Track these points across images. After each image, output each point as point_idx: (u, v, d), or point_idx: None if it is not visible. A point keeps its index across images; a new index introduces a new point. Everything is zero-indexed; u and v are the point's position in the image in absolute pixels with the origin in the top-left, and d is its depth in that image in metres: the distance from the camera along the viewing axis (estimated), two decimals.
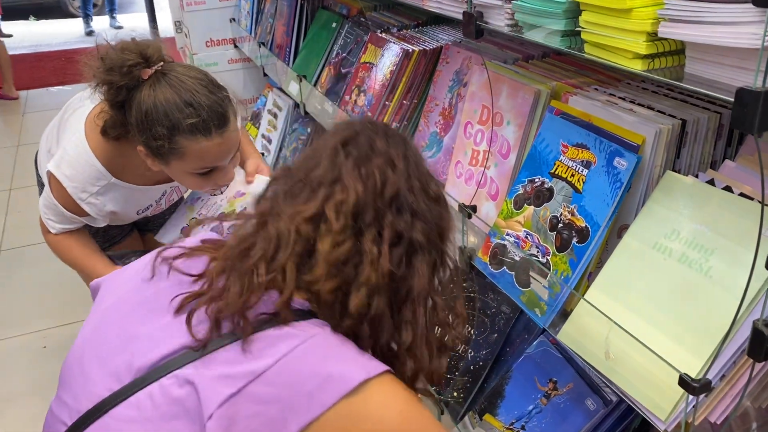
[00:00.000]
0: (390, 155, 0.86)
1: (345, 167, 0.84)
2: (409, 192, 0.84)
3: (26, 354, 2.37)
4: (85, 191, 1.46)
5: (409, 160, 0.88)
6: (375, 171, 0.83)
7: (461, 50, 1.73)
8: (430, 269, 0.85)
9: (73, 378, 0.87)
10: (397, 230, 0.82)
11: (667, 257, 1.03)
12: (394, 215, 0.82)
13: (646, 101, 1.21)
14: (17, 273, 2.89)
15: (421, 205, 0.85)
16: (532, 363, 1.50)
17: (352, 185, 0.82)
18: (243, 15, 3.30)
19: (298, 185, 0.86)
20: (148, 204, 1.61)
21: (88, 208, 1.48)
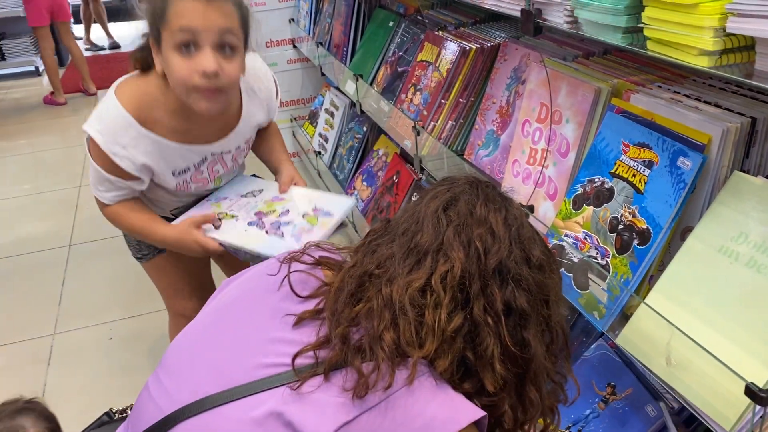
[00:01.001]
0: (490, 223, 0.86)
1: (447, 236, 0.85)
2: (510, 261, 0.84)
3: (94, 345, 2.47)
4: (116, 143, 1.44)
5: (510, 226, 0.87)
6: (476, 240, 0.84)
7: (519, 47, 1.70)
8: (541, 339, 0.85)
9: (181, 366, 0.90)
10: (505, 300, 0.82)
11: (733, 261, 0.99)
12: (498, 285, 0.82)
13: (712, 99, 1.16)
14: (86, 267, 3.01)
15: (523, 274, 0.84)
16: (590, 367, 1.47)
17: (455, 255, 0.82)
18: (302, 15, 3.34)
19: (405, 249, 0.86)
20: (186, 166, 1.56)
21: (121, 162, 1.46)
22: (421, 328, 0.80)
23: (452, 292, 0.81)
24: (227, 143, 1.61)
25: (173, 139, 1.49)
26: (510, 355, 0.82)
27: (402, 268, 0.84)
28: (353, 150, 2.86)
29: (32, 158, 4.31)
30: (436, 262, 0.83)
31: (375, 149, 2.73)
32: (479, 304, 0.81)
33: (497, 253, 0.83)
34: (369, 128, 2.82)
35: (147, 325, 2.48)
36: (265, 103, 1.69)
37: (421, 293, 0.81)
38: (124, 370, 2.23)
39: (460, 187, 0.91)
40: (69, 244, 3.19)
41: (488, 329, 0.80)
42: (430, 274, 0.82)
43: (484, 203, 0.88)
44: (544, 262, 0.88)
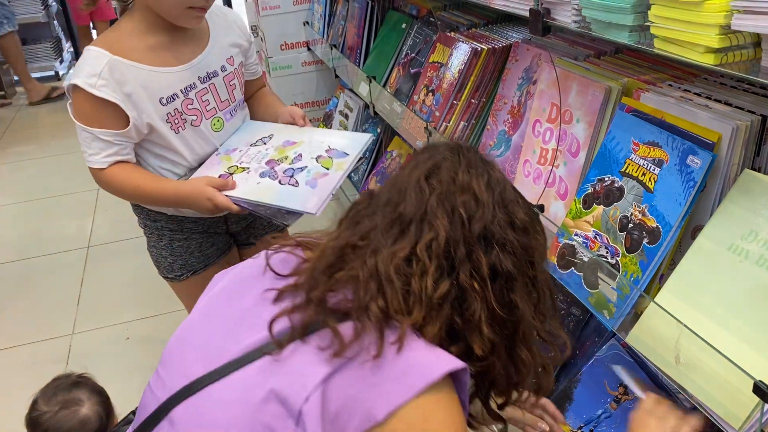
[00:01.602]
0: (473, 188, 0.86)
1: (430, 204, 0.85)
2: (495, 225, 0.84)
3: (110, 345, 2.51)
4: (92, 76, 1.41)
5: (494, 189, 0.87)
6: (460, 207, 0.84)
7: (531, 48, 1.70)
8: (528, 299, 0.86)
9: (173, 357, 0.92)
10: (491, 264, 0.83)
11: (743, 259, 0.99)
12: (483, 250, 0.83)
13: (723, 97, 1.16)
14: (103, 268, 3.05)
15: (508, 237, 0.84)
16: (602, 367, 1.47)
17: (439, 224, 0.83)
18: (316, 18, 3.36)
19: (388, 219, 0.86)
20: (171, 92, 1.50)
21: (102, 93, 1.41)
22: (408, 296, 0.81)
23: (438, 259, 0.81)
24: (207, 61, 1.56)
25: (149, 63, 1.47)
26: (498, 318, 0.83)
27: (386, 239, 0.84)
28: (368, 151, 2.87)
29: (52, 161, 4.37)
30: (420, 231, 0.83)
31: (389, 150, 2.74)
32: (465, 270, 0.82)
33: (481, 218, 0.84)
34: (383, 129, 2.83)
35: (163, 325, 2.51)
36: (236, 27, 1.68)
37: (406, 262, 0.82)
38: (140, 369, 2.25)
39: (441, 154, 0.90)
40: (87, 245, 3.24)
41: (475, 294, 0.81)
42: (414, 243, 0.82)
43: (467, 169, 0.87)
44: (528, 224, 0.88)
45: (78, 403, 1.44)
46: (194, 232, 1.70)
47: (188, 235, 1.69)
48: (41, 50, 6.04)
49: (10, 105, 5.45)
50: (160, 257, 1.73)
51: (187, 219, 1.67)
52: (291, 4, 3.44)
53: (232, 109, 1.65)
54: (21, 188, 4.01)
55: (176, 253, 1.70)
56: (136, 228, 1.75)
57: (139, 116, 1.47)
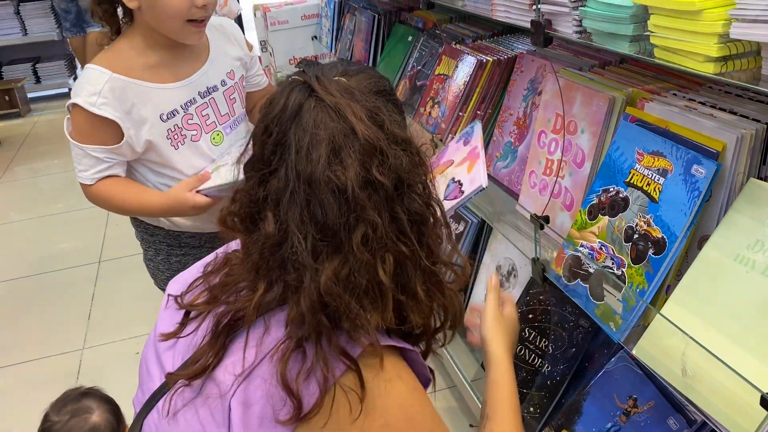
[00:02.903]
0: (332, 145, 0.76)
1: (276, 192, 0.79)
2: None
3: (121, 359, 2.51)
4: (93, 94, 1.42)
5: (380, 115, 0.78)
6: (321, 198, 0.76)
7: (536, 59, 1.70)
8: (408, 232, 0.78)
9: (142, 375, 0.93)
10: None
11: (750, 270, 0.97)
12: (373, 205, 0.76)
13: (728, 105, 1.15)
14: (114, 283, 3.07)
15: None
16: (611, 379, 1.45)
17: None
18: (324, 32, 3.38)
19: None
20: (172, 108, 1.51)
21: (101, 111, 1.42)
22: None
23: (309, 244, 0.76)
24: (207, 76, 1.57)
25: (149, 80, 1.48)
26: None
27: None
28: None
29: (64, 177, 4.41)
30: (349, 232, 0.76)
31: None
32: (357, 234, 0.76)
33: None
34: None
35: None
36: (234, 40, 1.67)
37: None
38: None
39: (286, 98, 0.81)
40: (99, 260, 3.26)
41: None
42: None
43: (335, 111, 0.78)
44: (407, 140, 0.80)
45: (88, 411, 1.45)
46: (192, 247, 1.70)
47: (186, 251, 1.69)
48: (55, 68, 6.12)
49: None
50: (156, 270, 1.74)
51: (185, 234, 1.67)
52: (299, 19, 3.46)
53: (232, 122, 1.66)
54: (35, 204, 4.05)
55: (173, 268, 1.70)
56: None
57: (137, 133, 1.48)
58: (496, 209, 1.81)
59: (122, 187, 1.52)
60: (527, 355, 1.73)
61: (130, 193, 1.53)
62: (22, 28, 5.80)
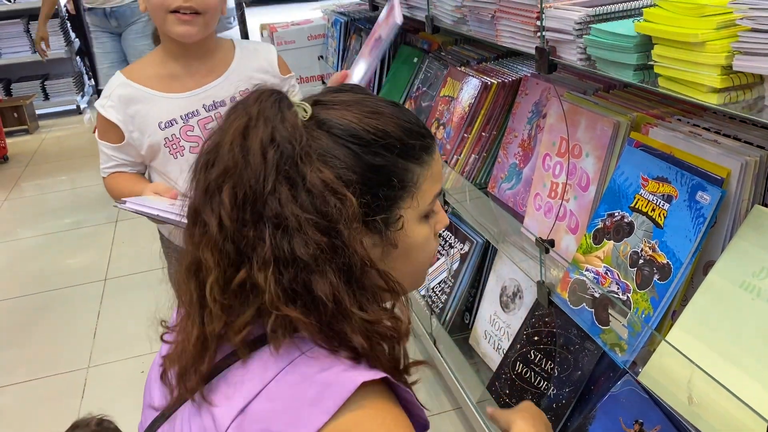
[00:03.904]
0: (247, 159, 0.72)
1: (198, 199, 0.76)
2: (273, 198, 0.71)
3: (125, 378, 2.51)
4: (105, 97, 1.55)
5: (278, 145, 0.72)
6: (227, 190, 0.73)
7: (540, 82, 1.72)
8: (337, 280, 0.72)
9: (145, 398, 0.93)
10: (275, 250, 0.71)
11: (755, 297, 0.97)
12: (269, 232, 0.71)
13: (732, 132, 1.16)
14: (120, 300, 3.07)
15: (290, 210, 0.71)
16: (617, 403, 1.44)
17: (211, 218, 0.74)
18: (330, 52, 3.41)
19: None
20: (171, 117, 1.55)
21: (107, 113, 1.53)
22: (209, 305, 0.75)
23: (222, 257, 0.73)
24: (216, 90, 1.58)
25: (155, 88, 1.55)
26: (292, 313, 0.72)
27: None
28: None
29: (72, 194, 4.44)
30: (202, 232, 0.75)
31: None
32: (255, 259, 0.72)
33: (255, 194, 0.71)
34: None
35: None
36: (265, 63, 1.68)
37: (198, 270, 0.75)
38: None
39: (226, 123, 0.77)
40: (105, 278, 3.27)
41: (260, 287, 0.71)
42: (198, 243, 0.75)
43: (242, 134, 0.73)
44: (324, 183, 0.72)
45: None
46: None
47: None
48: (63, 85, 6.18)
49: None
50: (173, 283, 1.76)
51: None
52: (306, 39, 3.50)
53: None
54: (42, 221, 4.07)
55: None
56: (153, 261, 1.77)
57: (140, 136, 1.55)
58: (501, 230, 1.82)
59: (123, 181, 1.61)
60: (533, 377, 1.73)
61: (126, 185, 1.59)
62: (31, 46, 5.86)
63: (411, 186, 0.80)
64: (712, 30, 0.80)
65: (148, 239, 1.73)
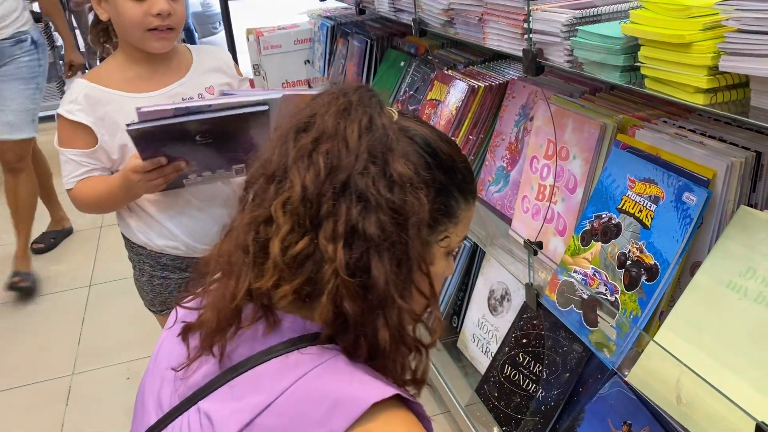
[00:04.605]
0: (344, 134, 0.75)
1: (290, 157, 0.76)
2: (361, 176, 0.73)
3: (111, 385, 2.48)
4: (70, 102, 1.52)
5: (372, 133, 0.75)
6: (320, 157, 0.74)
7: (527, 84, 1.72)
8: (392, 268, 0.74)
9: (137, 409, 0.92)
10: (350, 223, 0.72)
11: (742, 297, 0.98)
12: (348, 205, 0.73)
13: (717, 133, 1.17)
14: (105, 307, 3.04)
15: (374, 190, 0.73)
16: (605, 404, 1.45)
17: (297, 178, 0.74)
18: (317, 57, 3.41)
19: (253, 185, 0.80)
20: None
21: (76, 116, 1.50)
22: (264, 261, 0.75)
23: (294, 217, 0.73)
24: (184, 88, 1.60)
25: (124, 90, 1.55)
26: (349, 286, 0.72)
27: (252, 204, 0.78)
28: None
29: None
30: (279, 189, 0.75)
31: None
32: (328, 228, 0.73)
33: (346, 167, 0.73)
34: None
35: None
36: (222, 63, 1.70)
37: (266, 226, 0.75)
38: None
39: (321, 100, 0.80)
40: (89, 284, 3.24)
41: (327, 255, 0.72)
42: (271, 203, 0.75)
43: (343, 113, 0.76)
44: (408, 180, 0.75)
45: None
46: (174, 269, 1.69)
47: (167, 274, 1.69)
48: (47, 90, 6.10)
49: None
50: (142, 291, 1.76)
51: (165, 255, 1.66)
52: (292, 43, 3.49)
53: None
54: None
55: (156, 290, 1.72)
56: None
57: (111, 139, 1.53)
58: (489, 233, 1.82)
59: (94, 181, 1.57)
60: (521, 380, 1.73)
61: (100, 182, 1.57)
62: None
63: (454, 218, 0.83)
64: (699, 31, 0.81)
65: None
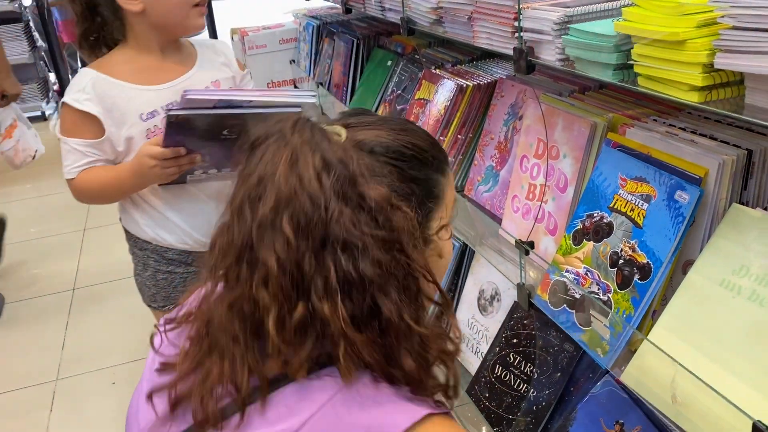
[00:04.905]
0: (303, 189, 0.69)
1: (254, 234, 0.70)
2: (337, 224, 0.68)
3: (96, 390, 2.45)
4: (78, 91, 1.51)
5: (332, 170, 0.69)
6: (285, 224, 0.68)
7: (516, 84, 1.72)
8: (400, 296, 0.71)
9: (129, 417, 0.89)
10: (342, 274, 0.68)
11: (735, 295, 0.98)
12: (333, 257, 0.68)
13: (708, 131, 1.16)
14: (89, 311, 3.00)
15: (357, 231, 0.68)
16: (597, 404, 1.44)
17: (268, 254, 0.69)
18: (302, 57, 3.39)
19: (220, 261, 0.74)
20: (152, 109, 1.55)
21: (83, 105, 1.49)
22: (259, 344, 0.71)
23: (279, 293, 0.69)
24: (192, 82, 1.60)
25: (132, 81, 1.55)
26: (360, 341, 0.69)
27: (227, 284, 0.73)
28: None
29: (38, 202, 4.33)
30: (252, 269, 0.70)
31: None
32: (317, 287, 0.68)
33: (317, 224, 0.68)
34: None
35: None
36: (224, 57, 1.72)
37: (250, 306, 0.71)
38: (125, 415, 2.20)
39: (266, 158, 0.73)
40: (73, 288, 3.19)
41: (328, 316, 0.68)
42: (249, 285, 0.70)
43: (291, 166, 0.70)
44: (386, 198, 0.70)
45: None
46: (180, 264, 1.68)
47: (172, 269, 1.68)
48: (28, 91, 6.03)
49: None
50: (143, 286, 1.73)
51: (171, 250, 1.66)
52: (278, 43, 3.47)
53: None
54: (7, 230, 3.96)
55: (159, 285, 1.70)
56: (122, 270, 1.73)
57: (117, 131, 1.53)
58: (478, 233, 1.81)
59: (99, 170, 1.56)
60: (512, 380, 1.72)
61: (107, 172, 1.56)
62: None
63: (441, 198, 0.82)
64: (693, 28, 0.80)
65: (116, 247, 1.68)
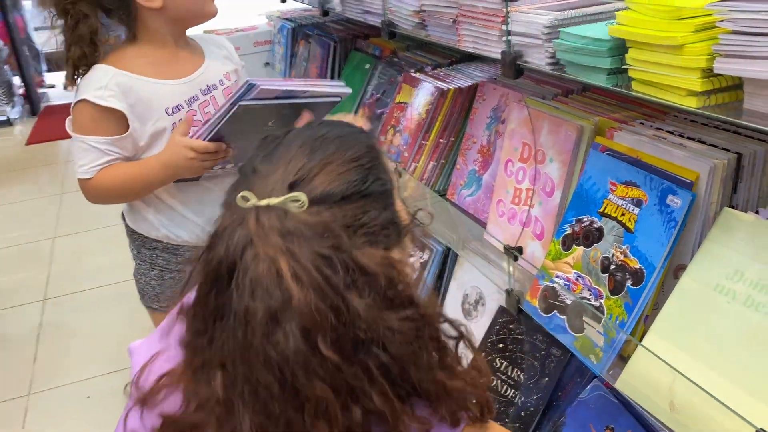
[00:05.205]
0: (278, 327, 0.64)
1: (285, 370, 0.65)
2: (363, 321, 0.64)
3: (70, 405, 2.38)
4: (100, 88, 1.46)
5: (305, 271, 0.65)
6: (270, 378, 0.65)
7: (497, 87, 1.70)
8: (430, 360, 0.69)
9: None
10: (382, 366, 0.65)
11: (731, 300, 0.97)
12: (368, 356, 0.65)
13: (696, 135, 1.16)
14: (61, 322, 2.92)
15: (380, 319, 0.65)
16: (586, 409, 1.43)
17: (313, 387, 0.65)
18: (277, 59, 3.34)
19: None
20: (177, 103, 1.54)
21: (108, 102, 1.46)
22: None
23: (341, 415, 0.65)
24: (207, 75, 1.61)
25: (153, 76, 1.53)
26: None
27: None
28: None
29: (5, 210, 4.21)
30: (294, 407, 0.65)
31: None
32: (365, 391, 0.65)
33: (347, 332, 0.65)
34: None
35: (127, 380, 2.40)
36: (226, 51, 1.74)
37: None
38: (102, 429, 2.14)
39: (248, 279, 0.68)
40: (44, 298, 3.10)
41: (380, 402, 0.65)
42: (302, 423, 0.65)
43: (251, 296, 0.66)
44: (382, 261, 0.68)
45: None
46: (187, 263, 1.64)
47: (181, 267, 1.64)
48: None
49: None
50: (147, 286, 1.70)
51: (184, 247, 1.63)
52: (251, 45, 3.41)
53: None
54: None
55: (166, 284, 1.67)
56: (95, 278, 1.69)
57: (141, 126, 1.51)
58: (461, 237, 1.80)
59: (121, 167, 1.53)
60: (499, 386, 1.71)
61: (131, 168, 1.53)
62: None
63: (391, 189, 0.79)
64: (691, 33, 0.79)
65: (89, 256, 1.63)
